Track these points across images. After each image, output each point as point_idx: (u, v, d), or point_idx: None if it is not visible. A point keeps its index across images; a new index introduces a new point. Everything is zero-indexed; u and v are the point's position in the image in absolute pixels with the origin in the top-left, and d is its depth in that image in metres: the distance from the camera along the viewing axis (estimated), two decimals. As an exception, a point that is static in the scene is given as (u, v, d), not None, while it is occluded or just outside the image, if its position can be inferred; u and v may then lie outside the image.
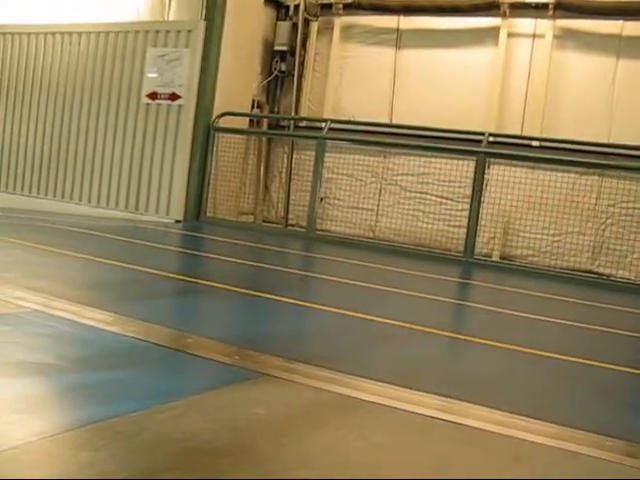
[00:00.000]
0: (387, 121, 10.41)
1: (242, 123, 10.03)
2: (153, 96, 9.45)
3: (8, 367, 2.43)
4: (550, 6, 9.49)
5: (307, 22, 11.10)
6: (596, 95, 9.32)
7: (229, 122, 9.46)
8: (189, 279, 5.19)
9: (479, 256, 8.32)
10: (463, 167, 8.69)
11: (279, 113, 11.39)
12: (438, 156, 9.01)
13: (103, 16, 10.48)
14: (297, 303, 4.48)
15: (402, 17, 10.52)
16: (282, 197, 10.93)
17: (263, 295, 4.60)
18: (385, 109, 10.54)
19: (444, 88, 10.07)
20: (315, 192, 8.88)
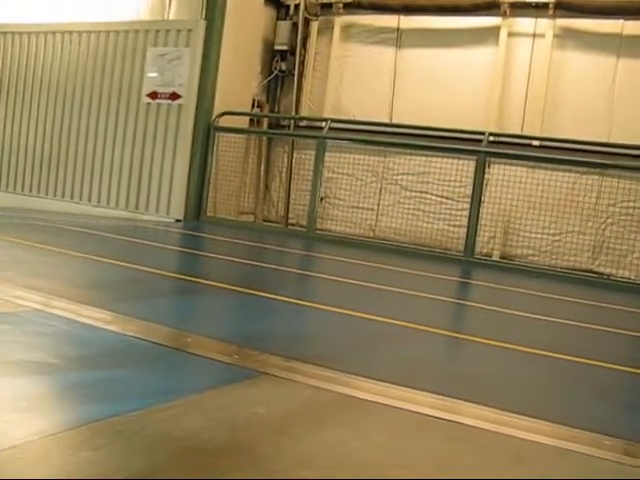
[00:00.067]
0: (387, 120, 10.40)
1: (242, 122, 10.03)
2: (153, 95, 9.45)
3: (8, 366, 2.43)
4: (550, 5, 9.48)
5: (307, 21, 11.10)
6: (596, 94, 9.31)
7: (229, 121, 9.46)
8: (189, 278, 5.19)
9: (479, 255, 8.32)
10: (463, 167, 8.69)
11: (279, 112, 11.38)
12: (438, 155, 9.01)
13: (103, 15, 10.50)
14: (297, 302, 4.48)
15: (402, 16, 10.51)
16: (282, 196, 10.93)
17: (263, 294, 4.60)
18: (385, 108, 10.54)
19: (444, 87, 10.06)
20: (315, 191, 8.88)
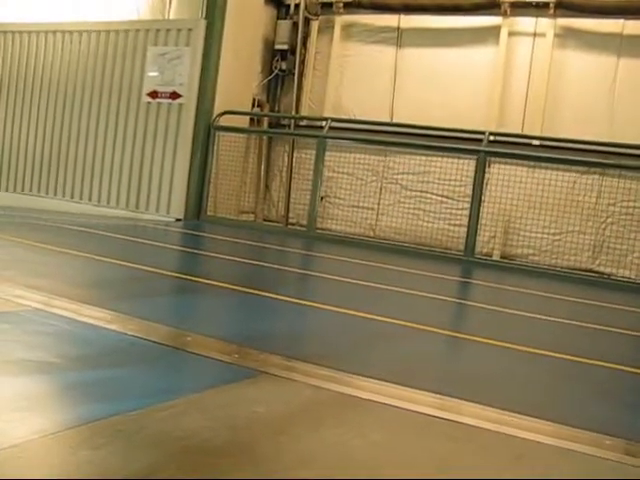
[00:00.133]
0: (388, 120, 10.39)
1: (243, 122, 10.03)
2: (154, 95, 9.45)
3: (8, 365, 2.43)
4: (551, 5, 9.46)
5: (308, 21, 11.08)
6: (597, 94, 9.31)
7: (229, 121, 9.46)
8: (189, 277, 5.19)
9: (480, 255, 8.32)
10: (464, 166, 8.69)
11: (279, 112, 11.37)
12: (439, 155, 9.01)
13: (103, 15, 10.50)
14: (297, 302, 4.48)
15: (403, 16, 10.50)
16: (283, 196, 10.93)
17: (263, 293, 4.60)
18: (386, 108, 10.53)
19: (445, 87, 10.06)
20: (316, 191, 8.88)
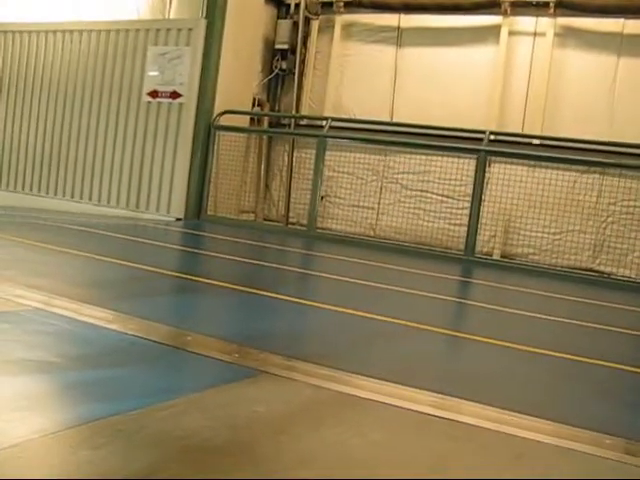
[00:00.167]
0: (388, 119, 10.40)
1: (243, 121, 10.03)
2: (154, 94, 9.45)
3: (8, 365, 2.43)
4: (551, 4, 9.47)
5: (308, 20, 11.09)
6: (597, 93, 9.31)
7: (230, 120, 9.46)
8: (189, 277, 5.20)
9: (480, 254, 8.32)
10: (464, 165, 8.68)
11: (280, 111, 11.37)
12: (439, 154, 9.01)
13: (104, 14, 10.50)
14: (297, 301, 4.48)
15: (403, 15, 10.51)
16: (283, 195, 10.93)
17: (263, 293, 4.61)
18: (386, 107, 10.53)
19: (445, 86, 10.06)
20: (316, 190, 8.88)
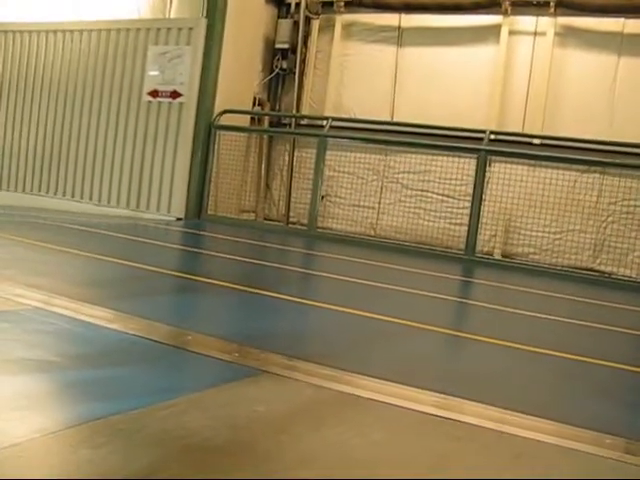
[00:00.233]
0: (388, 119, 10.39)
1: (243, 121, 10.03)
2: (154, 94, 9.45)
3: (8, 364, 2.43)
4: (551, 4, 9.45)
5: (308, 20, 11.08)
6: (597, 93, 9.30)
7: (230, 120, 9.46)
8: (190, 276, 5.20)
9: (480, 254, 8.32)
10: (464, 165, 8.68)
11: (280, 111, 11.37)
12: (439, 154, 9.01)
13: (104, 14, 10.49)
14: (298, 301, 4.48)
15: (403, 15, 10.50)
16: (283, 195, 10.92)
17: (264, 293, 4.60)
18: (386, 107, 10.53)
19: (445, 86, 10.05)
20: (316, 190, 8.88)
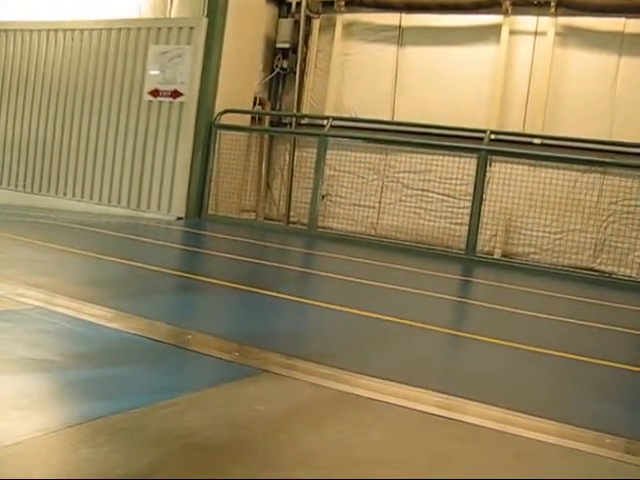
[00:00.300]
0: (389, 118, 10.39)
1: (244, 120, 10.03)
2: (155, 93, 9.45)
3: (9, 364, 2.44)
4: (552, 3, 9.46)
5: (309, 19, 11.08)
6: (598, 93, 9.30)
7: (231, 119, 9.46)
8: (190, 276, 5.20)
9: (481, 254, 8.32)
10: (465, 164, 8.68)
11: (281, 110, 11.37)
12: (440, 153, 9.01)
13: (105, 13, 10.50)
14: (298, 300, 4.48)
15: (404, 14, 10.50)
16: (284, 194, 10.93)
17: (264, 292, 4.60)
18: (387, 106, 10.53)
19: (446, 85, 10.05)
20: (317, 189, 8.88)
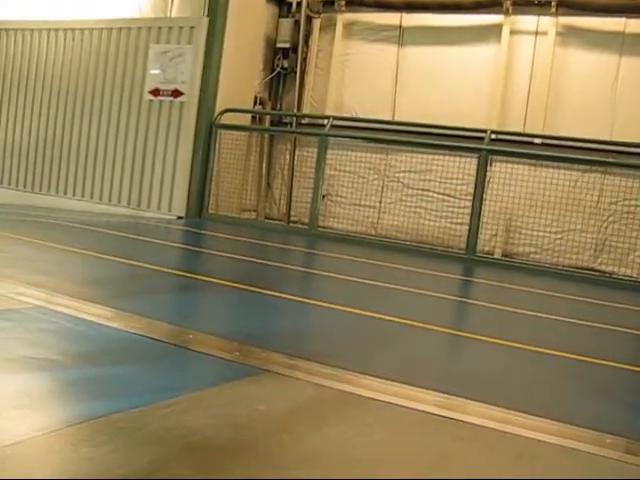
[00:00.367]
0: (389, 118, 10.39)
1: (244, 120, 10.03)
2: (155, 92, 9.45)
3: (10, 363, 2.43)
4: (553, 3, 9.46)
5: (309, 19, 11.08)
6: (599, 92, 9.30)
7: (231, 119, 9.46)
8: (191, 275, 5.20)
9: (481, 253, 8.32)
10: (465, 164, 8.68)
11: (281, 110, 11.37)
12: (440, 153, 9.01)
13: (105, 12, 10.49)
14: (299, 300, 4.48)
15: (405, 14, 10.50)
16: (284, 194, 10.93)
17: (264, 291, 4.60)
18: (387, 106, 10.53)
19: (446, 85, 10.05)
20: (317, 189, 8.88)
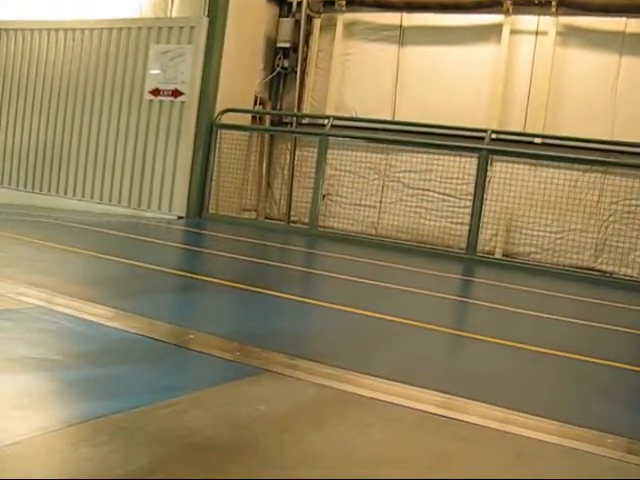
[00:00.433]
0: (390, 118, 10.38)
1: (244, 120, 10.03)
2: (156, 92, 9.45)
3: (10, 362, 2.43)
4: (553, 3, 9.46)
5: (310, 19, 11.08)
6: (599, 92, 9.30)
7: (231, 119, 9.46)
8: (191, 275, 5.20)
9: (481, 253, 8.32)
10: (466, 164, 8.68)
11: (282, 110, 11.37)
12: (441, 153, 9.01)
13: (106, 12, 10.49)
14: (299, 300, 4.48)
15: (405, 14, 10.50)
16: (284, 194, 10.92)
17: (265, 291, 4.60)
18: (388, 106, 10.53)
19: (447, 85, 10.05)
20: (317, 189, 8.88)
